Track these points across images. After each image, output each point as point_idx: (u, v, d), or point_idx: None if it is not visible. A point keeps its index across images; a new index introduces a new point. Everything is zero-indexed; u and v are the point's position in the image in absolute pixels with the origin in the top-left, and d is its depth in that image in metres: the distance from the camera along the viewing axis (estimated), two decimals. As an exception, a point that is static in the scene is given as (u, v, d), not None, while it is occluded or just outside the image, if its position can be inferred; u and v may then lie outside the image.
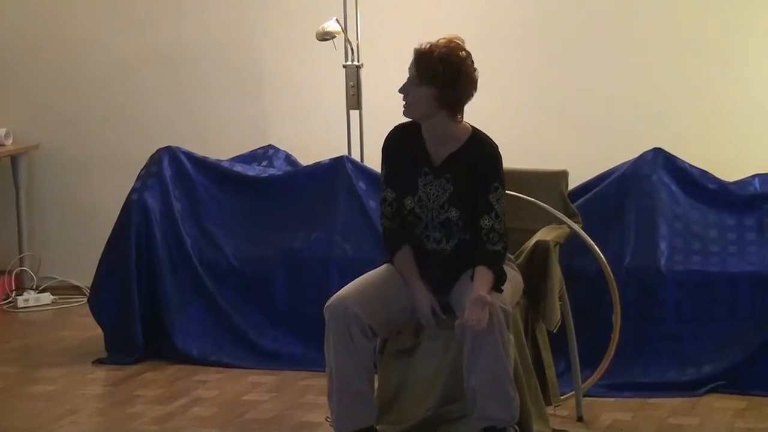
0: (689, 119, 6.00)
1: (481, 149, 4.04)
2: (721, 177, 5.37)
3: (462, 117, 4.07)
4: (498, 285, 3.98)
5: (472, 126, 4.10)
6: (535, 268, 4.31)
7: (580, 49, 6.15)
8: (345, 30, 6.04)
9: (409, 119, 4.09)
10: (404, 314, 4.11)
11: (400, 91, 4.02)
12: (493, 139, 4.10)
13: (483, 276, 3.96)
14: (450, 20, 4.12)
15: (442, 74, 3.97)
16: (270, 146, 6.28)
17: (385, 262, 4.19)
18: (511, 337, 3.95)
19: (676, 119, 6.01)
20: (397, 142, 4.13)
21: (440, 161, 4.06)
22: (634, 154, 5.38)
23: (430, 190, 4.06)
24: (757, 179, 5.36)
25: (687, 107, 6.01)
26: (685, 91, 6.01)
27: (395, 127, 4.16)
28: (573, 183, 4.93)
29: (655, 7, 6.04)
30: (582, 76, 6.15)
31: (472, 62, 4.03)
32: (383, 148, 4.15)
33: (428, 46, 4.00)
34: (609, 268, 4.65)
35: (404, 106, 4.03)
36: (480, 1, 6.21)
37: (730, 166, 5.53)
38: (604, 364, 4.73)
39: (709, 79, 5.98)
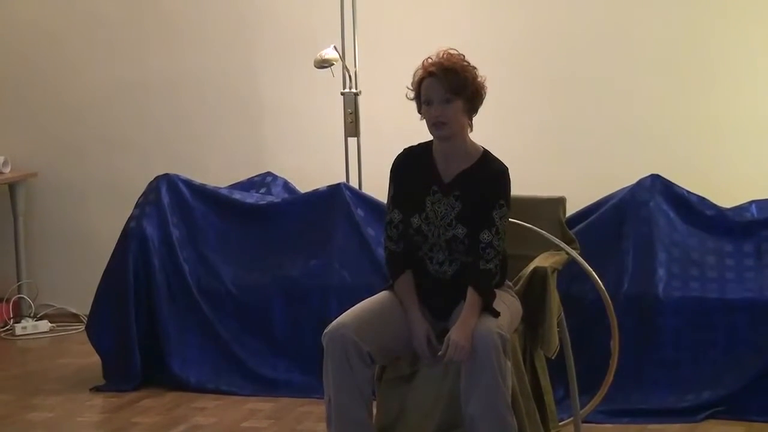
0: (687, 145, 6.01)
1: (491, 167, 4.08)
2: (718, 203, 5.37)
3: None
4: (486, 305, 3.99)
5: (483, 147, 4.13)
6: (534, 294, 4.31)
7: (577, 76, 6.17)
8: (343, 57, 6.06)
9: (426, 140, 4.15)
10: (403, 341, 4.10)
11: (438, 117, 3.99)
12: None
13: (471, 301, 3.97)
14: (446, 47, 4.12)
15: (470, 84, 4.02)
16: (268, 173, 6.29)
17: (385, 288, 4.19)
18: (509, 363, 3.95)
19: (673, 146, 6.02)
20: (407, 163, 4.15)
21: (450, 179, 4.08)
22: (632, 181, 5.39)
23: (438, 208, 4.07)
24: (754, 206, 5.36)
25: (685, 134, 6.03)
26: (683, 117, 6.03)
27: (404, 149, 4.18)
28: (571, 209, 4.94)
29: (653, 33, 6.07)
30: (579, 102, 6.17)
31: None
32: (392, 169, 4.16)
33: (442, 61, 4.02)
34: (607, 295, 4.64)
35: (443, 127, 4.00)
36: (476, 28, 6.24)
37: (727, 193, 5.53)
38: (603, 390, 4.72)
39: (706, 105, 6.00)
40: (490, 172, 4.06)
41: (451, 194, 4.06)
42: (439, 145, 4.10)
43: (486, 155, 4.11)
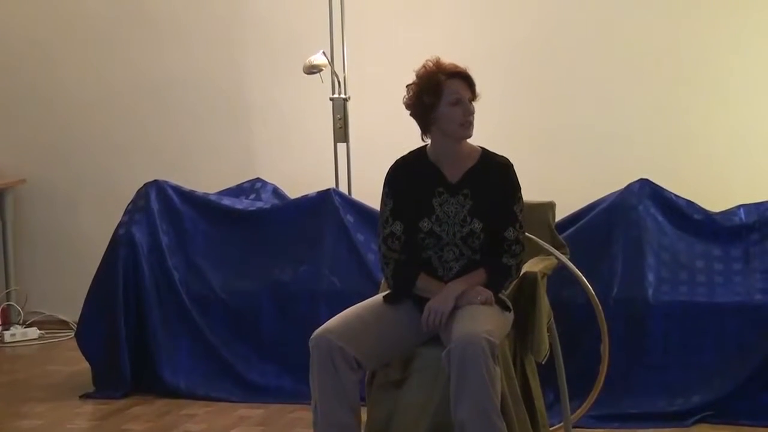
0: (675, 150, 6.03)
1: (498, 162, 4.15)
2: (706, 207, 5.39)
3: None
4: (495, 289, 4.06)
5: (479, 145, 4.19)
6: (523, 299, 4.31)
7: (567, 81, 6.18)
8: (332, 63, 6.07)
9: (413, 149, 4.19)
10: (394, 347, 4.11)
11: (471, 116, 4.08)
12: None
13: (473, 276, 4.06)
14: (437, 53, 4.13)
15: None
16: (258, 179, 6.29)
17: (385, 297, 4.18)
18: (498, 368, 3.95)
19: (662, 150, 6.04)
20: (405, 171, 4.17)
21: (457, 179, 4.11)
22: (621, 185, 5.40)
23: (447, 208, 4.10)
24: (742, 210, 5.38)
25: (673, 138, 6.05)
26: (671, 122, 6.05)
27: (397, 160, 4.19)
28: (560, 214, 4.95)
29: (640, 39, 6.09)
30: (569, 107, 6.19)
31: None
32: (388, 182, 4.16)
33: (455, 65, 4.10)
34: (597, 299, 4.65)
35: (470, 126, 4.09)
36: (467, 35, 6.25)
37: (715, 197, 5.55)
38: (593, 395, 4.73)
39: (694, 110, 6.02)
40: (498, 167, 4.13)
41: (459, 193, 4.09)
42: (443, 147, 4.12)
43: (486, 152, 4.18)
